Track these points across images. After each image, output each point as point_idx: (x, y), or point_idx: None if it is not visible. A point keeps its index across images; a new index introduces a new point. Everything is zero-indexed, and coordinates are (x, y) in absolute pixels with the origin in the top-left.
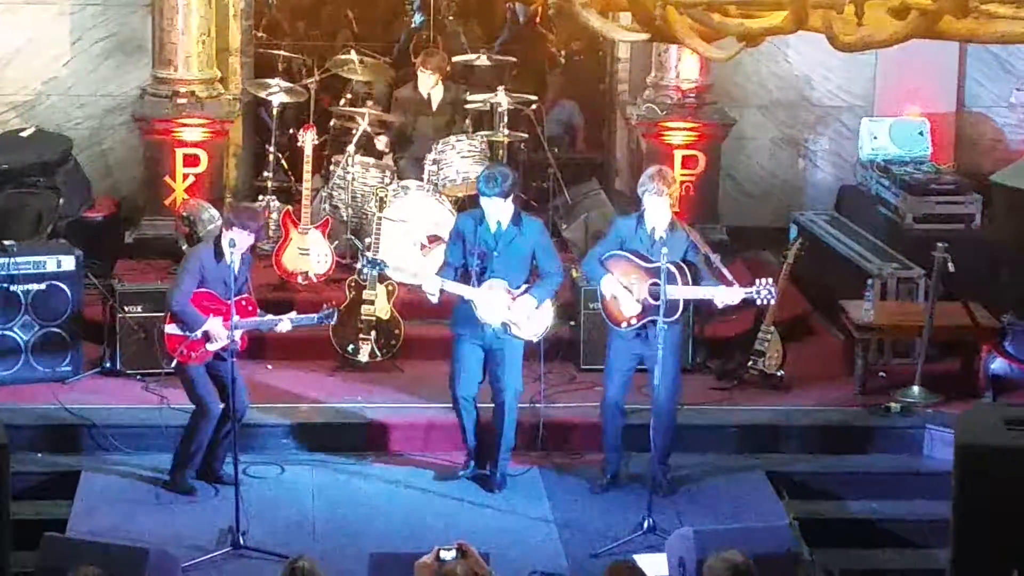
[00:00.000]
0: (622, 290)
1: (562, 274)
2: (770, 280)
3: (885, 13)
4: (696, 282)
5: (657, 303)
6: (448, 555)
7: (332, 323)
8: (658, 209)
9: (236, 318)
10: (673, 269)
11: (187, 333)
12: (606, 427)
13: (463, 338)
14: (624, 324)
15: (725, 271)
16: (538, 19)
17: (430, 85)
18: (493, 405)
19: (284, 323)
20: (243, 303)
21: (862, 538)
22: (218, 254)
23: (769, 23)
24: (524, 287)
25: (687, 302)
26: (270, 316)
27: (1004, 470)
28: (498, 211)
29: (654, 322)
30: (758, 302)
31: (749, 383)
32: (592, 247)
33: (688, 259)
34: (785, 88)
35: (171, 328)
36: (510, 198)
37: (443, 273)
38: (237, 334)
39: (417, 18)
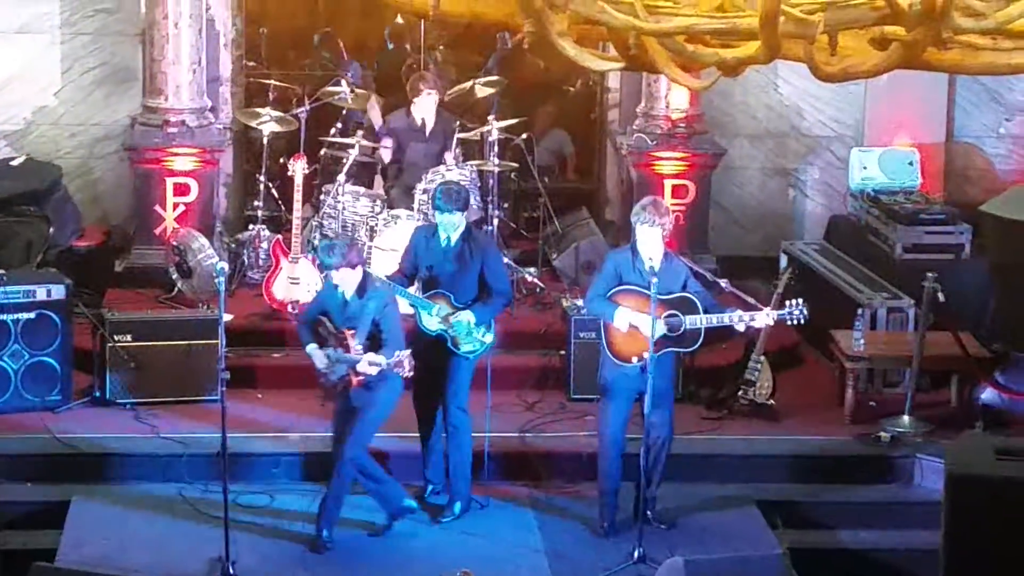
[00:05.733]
0: (640, 317)
1: (509, 295)
2: (802, 301)
3: (867, 44)
4: (707, 311)
5: (675, 334)
6: None
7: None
8: (651, 239)
9: (330, 350)
10: (691, 298)
11: None
12: (607, 470)
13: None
14: (635, 358)
15: (745, 296)
16: (524, 46)
17: (428, 107)
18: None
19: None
20: (345, 337)
21: (852, 568)
22: (331, 285)
23: (744, 53)
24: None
25: (701, 333)
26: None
27: (994, 500)
28: (451, 225)
29: (665, 354)
30: (789, 322)
31: (740, 413)
32: (591, 285)
33: (691, 289)
34: (775, 118)
35: None
36: (464, 212)
37: (395, 279)
38: (340, 367)
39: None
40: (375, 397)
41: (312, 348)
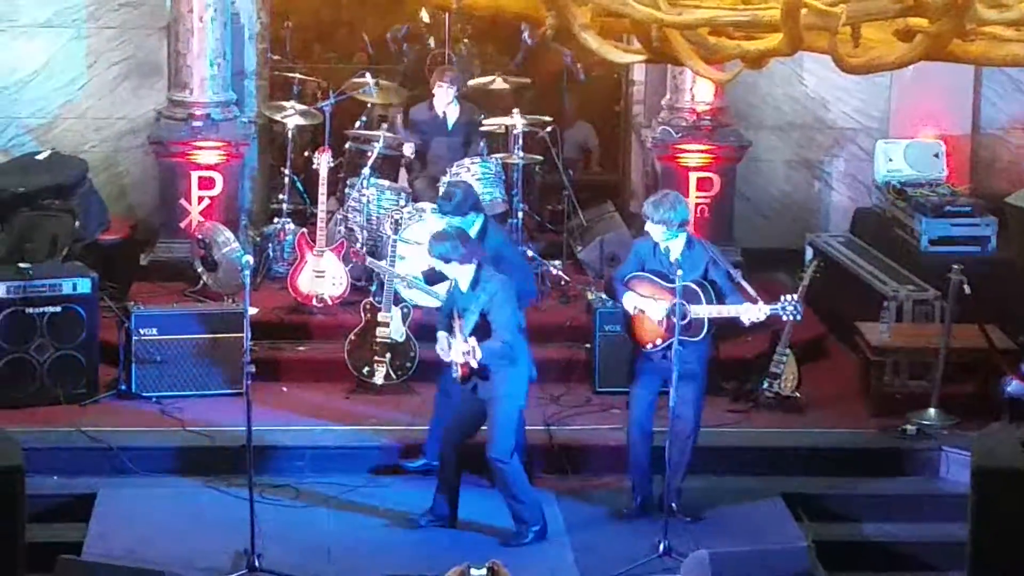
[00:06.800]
0: (646, 301)
1: (530, 287)
2: (795, 296)
3: (892, 35)
4: (720, 300)
5: (682, 323)
6: (478, 573)
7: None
8: (655, 234)
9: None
10: (695, 287)
11: None
12: (632, 452)
13: None
14: (650, 344)
15: (748, 288)
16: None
17: (447, 101)
18: None
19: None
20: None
21: (878, 561)
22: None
23: (767, 45)
24: None
25: (713, 321)
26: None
27: (1020, 492)
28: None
29: (682, 343)
30: (784, 318)
31: (765, 405)
32: (610, 270)
33: (710, 277)
34: (800, 110)
35: None
36: (467, 214)
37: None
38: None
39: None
40: (497, 391)
41: (439, 335)
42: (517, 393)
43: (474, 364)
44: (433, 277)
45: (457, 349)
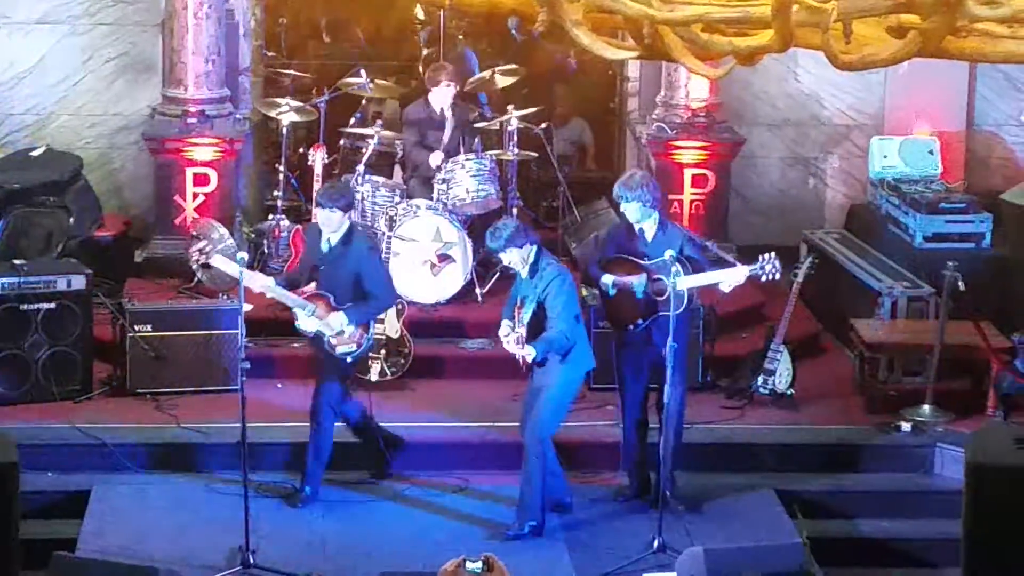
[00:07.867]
0: (625, 278)
1: (386, 300)
2: (774, 254)
3: (885, 32)
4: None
5: (660, 298)
6: (474, 566)
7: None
8: (630, 214)
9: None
10: (667, 260)
11: None
12: (625, 442)
13: None
14: (631, 324)
15: (726, 255)
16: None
17: (446, 98)
18: None
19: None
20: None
21: (872, 557)
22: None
23: (758, 42)
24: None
25: (693, 297)
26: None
27: (1015, 489)
28: (329, 223)
29: (657, 323)
30: (763, 278)
31: (759, 401)
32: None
33: (687, 254)
34: (795, 107)
35: None
36: (347, 212)
37: (278, 281)
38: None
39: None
40: (549, 379)
41: (503, 323)
42: (569, 381)
43: (528, 359)
44: (290, 280)
45: (512, 344)
